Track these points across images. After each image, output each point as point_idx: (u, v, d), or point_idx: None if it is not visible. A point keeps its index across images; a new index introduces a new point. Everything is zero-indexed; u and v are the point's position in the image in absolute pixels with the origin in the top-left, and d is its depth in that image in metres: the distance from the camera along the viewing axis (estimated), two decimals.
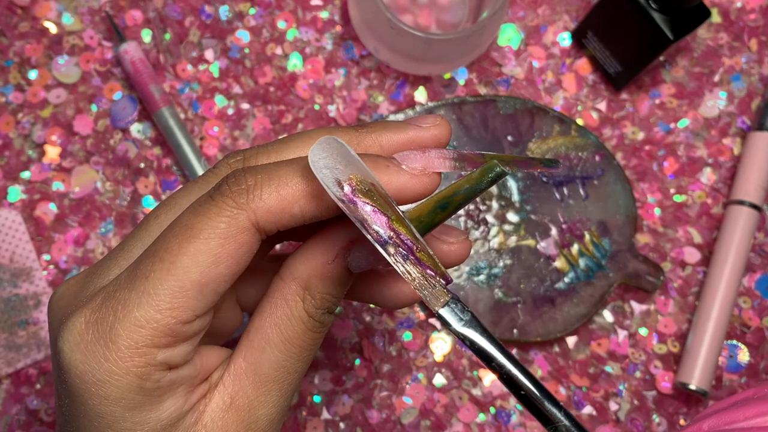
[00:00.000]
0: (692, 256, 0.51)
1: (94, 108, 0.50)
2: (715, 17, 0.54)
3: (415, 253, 0.23)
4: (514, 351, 0.49)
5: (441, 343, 0.49)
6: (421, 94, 0.52)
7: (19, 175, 0.49)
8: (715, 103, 0.53)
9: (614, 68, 0.51)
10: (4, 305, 0.47)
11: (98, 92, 0.51)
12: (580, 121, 0.52)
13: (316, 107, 0.51)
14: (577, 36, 0.53)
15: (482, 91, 0.53)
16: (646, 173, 0.52)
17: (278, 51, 0.52)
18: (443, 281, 0.23)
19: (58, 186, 0.49)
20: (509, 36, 0.53)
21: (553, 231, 0.50)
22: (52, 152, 0.50)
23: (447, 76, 0.52)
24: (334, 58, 0.52)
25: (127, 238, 0.27)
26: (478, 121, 0.51)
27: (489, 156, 0.25)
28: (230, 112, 0.51)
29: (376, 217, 0.23)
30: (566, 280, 0.49)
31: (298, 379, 0.28)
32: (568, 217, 0.50)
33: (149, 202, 0.49)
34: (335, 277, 0.26)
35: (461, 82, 0.52)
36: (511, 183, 0.51)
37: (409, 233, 0.23)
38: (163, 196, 0.50)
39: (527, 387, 0.24)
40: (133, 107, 0.50)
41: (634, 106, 0.53)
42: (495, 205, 0.50)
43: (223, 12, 0.52)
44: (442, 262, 0.24)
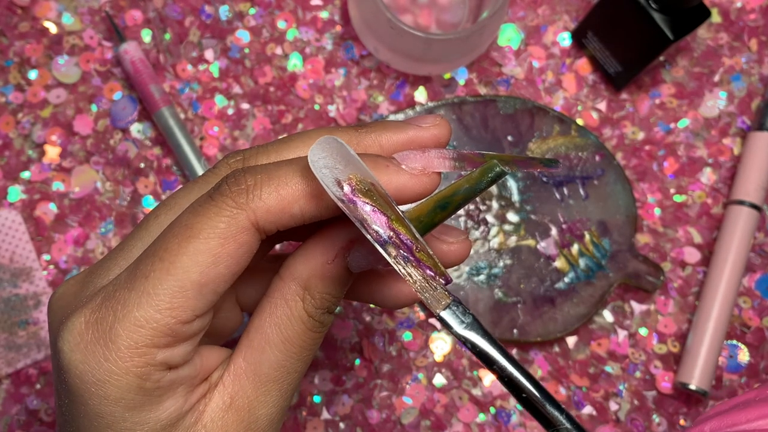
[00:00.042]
0: (692, 256, 0.51)
1: (94, 108, 0.50)
2: (715, 17, 0.54)
3: (415, 252, 0.23)
4: (514, 351, 0.49)
5: (441, 343, 0.49)
6: (421, 94, 0.52)
7: (19, 175, 0.49)
8: (715, 103, 0.53)
9: (614, 68, 0.51)
10: (4, 305, 0.47)
11: (98, 92, 0.51)
12: (580, 121, 0.52)
13: (316, 107, 0.51)
14: (577, 36, 0.53)
15: (482, 91, 0.53)
16: (646, 173, 0.52)
17: (278, 51, 0.52)
18: (443, 281, 0.23)
19: (58, 186, 0.49)
20: (509, 36, 0.53)
21: (553, 231, 0.50)
22: (52, 152, 0.50)
23: (447, 76, 0.52)
24: (334, 58, 0.52)
25: (127, 238, 0.27)
26: (478, 121, 0.51)
27: (489, 156, 0.25)
28: (230, 112, 0.51)
29: (375, 217, 0.23)
30: (566, 280, 0.49)
31: (298, 379, 0.28)
32: (568, 217, 0.50)
33: (149, 202, 0.49)
34: (335, 276, 0.26)
35: (461, 82, 0.52)
36: (511, 183, 0.50)
37: (409, 233, 0.23)
38: (163, 196, 0.50)
39: (529, 390, 0.24)
40: (133, 107, 0.50)
41: (634, 106, 0.53)
42: (495, 205, 0.50)
43: (223, 12, 0.52)
44: (442, 262, 0.24)
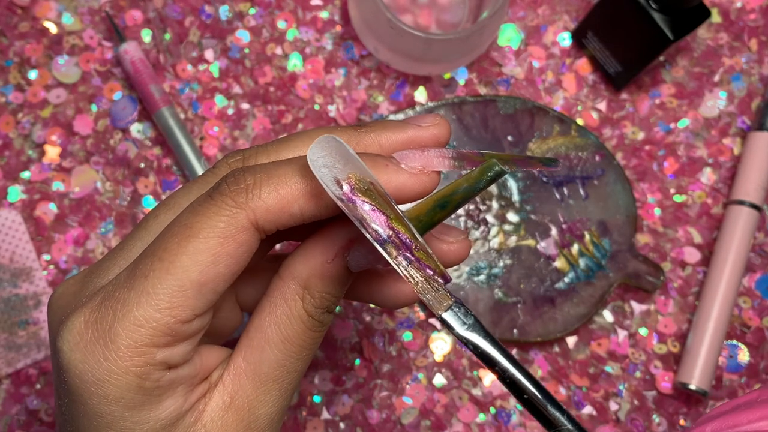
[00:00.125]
0: (692, 256, 0.51)
1: (94, 108, 0.50)
2: (715, 17, 0.54)
3: (414, 251, 0.23)
4: (514, 351, 0.49)
5: (441, 343, 0.49)
6: (421, 94, 0.52)
7: (19, 175, 0.49)
8: (715, 103, 0.53)
9: (614, 68, 0.51)
10: (4, 305, 0.47)
11: (98, 92, 0.51)
12: (580, 121, 0.52)
13: (316, 107, 0.51)
14: (577, 36, 0.53)
15: (482, 91, 0.53)
16: (646, 173, 0.52)
17: (278, 51, 0.52)
18: (442, 280, 0.23)
19: (58, 186, 0.49)
20: (509, 36, 0.53)
21: (553, 231, 0.50)
22: (52, 152, 0.50)
23: (447, 76, 0.52)
24: (334, 58, 0.52)
25: (127, 237, 0.27)
26: (478, 121, 0.51)
27: (488, 155, 0.25)
28: (230, 112, 0.51)
29: (375, 216, 0.23)
30: (566, 280, 0.49)
31: (298, 379, 0.28)
32: (568, 217, 0.50)
33: (149, 202, 0.50)
34: (334, 276, 0.26)
35: (461, 82, 0.52)
36: (511, 183, 0.50)
37: (408, 232, 0.23)
38: (163, 196, 0.50)
39: (530, 391, 0.24)
40: (133, 107, 0.50)
41: (634, 106, 0.53)
42: (495, 205, 0.50)
43: (223, 12, 0.52)
44: (441, 262, 0.24)
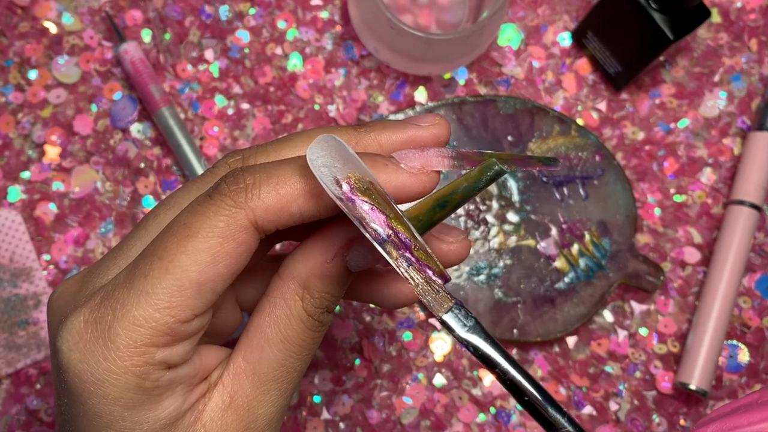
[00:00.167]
0: (692, 256, 0.51)
1: (94, 108, 0.50)
2: (715, 17, 0.54)
3: (413, 251, 0.23)
4: (514, 351, 0.49)
5: (441, 343, 0.49)
6: (421, 94, 0.52)
7: (19, 175, 0.49)
8: (715, 103, 0.53)
9: (614, 68, 0.51)
10: (4, 305, 0.47)
11: (98, 92, 0.51)
12: (580, 121, 0.52)
13: (316, 107, 0.51)
14: (577, 36, 0.53)
15: (482, 91, 0.53)
16: (646, 173, 0.52)
17: (278, 51, 0.52)
18: (441, 279, 0.23)
19: (58, 186, 0.49)
20: (509, 36, 0.53)
21: (553, 231, 0.50)
22: (52, 152, 0.50)
23: (447, 76, 0.52)
24: (334, 58, 0.52)
25: (126, 237, 0.27)
26: (478, 121, 0.51)
27: (487, 154, 0.25)
28: (230, 112, 0.51)
29: (374, 215, 0.23)
30: (566, 280, 0.49)
31: (298, 379, 0.28)
32: (568, 217, 0.50)
33: (149, 202, 0.49)
34: (334, 276, 0.26)
35: (461, 82, 0.52)
36: (511, 183, 0.50)
37: (407, 231, 0.23)
38: (163, 196, 0.50)
39: (531, 393, 0.24)
40: (133, 107, 0.50)
41: (634, 106, 0.53)
42: (495, 205, 0.50)
43: (223, 12, 0.52)
44: (441, 262, 0.24)
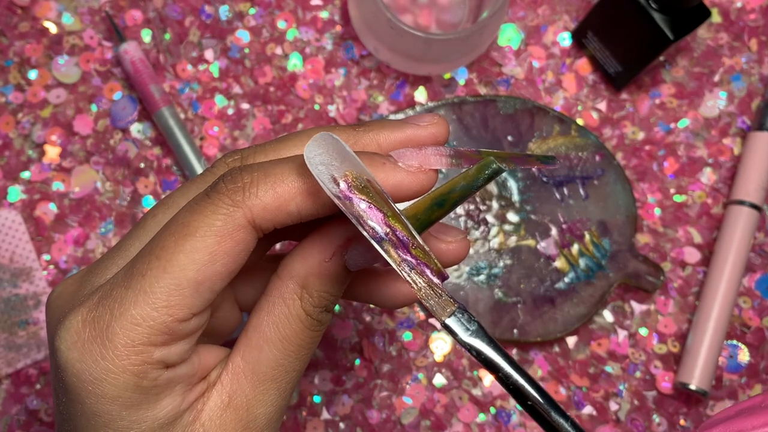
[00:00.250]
0: (692, 256, 0.51)
1: (94, 108, 0.50)
2: (715, 17, 0.54)
3: (411, 249, 0.23)
4: (514, 351, 0.49)
5: (441, 343, 0.49)
6: (421, 94, 0.52)
7: (19, 175, 0.49)
8: (715, 103, 0.53)
9: (614, 68, 0.51)
10: (4, 305, 0.47)
11: (98, 92, 0.51)
12: (580, 121, 0.52)
13: (316, 107, 0.51)
14: (577, 36, 0.53)
15: (482, 91, 0.53)
16: (646, 173, 0.52)
17: (278, 51, 0.52)
18: (440, 277, 0.23)
19: (58, 186, 0.49)
20: (509, 36, 0.53)
21: (553, 231, 0.50)
22: (52, 152, 0.50)
23: (447, 76, 0.52)
24: (334, 58, 0.52)
25: (125, 237, 0.27)
26: (478, 121, 0.51)
27: (486, 153, 0.25)
28: (230, 112, 0.51)
29: (371, 213, 0.23)
30: (566, 280, 0.49)
31: (297, 378, 0.28)
32: (568, 217, 0.50)
33: (149, 202, 0.50)
34: (332, 275, 0.26)
35: (461, 82, 0.52)
36: (511, 183, 0.50)
37: (405, 229, 0.23)
38: (163, 196, 0.50)
39: (533, 397, 0.23)
40: (133, 107, 0.50)
41: (634, 106, 0.53)
42: (495, 205, 0.50)
43: (223, 12, 0.52)
44: (440, 261, 0.24)
